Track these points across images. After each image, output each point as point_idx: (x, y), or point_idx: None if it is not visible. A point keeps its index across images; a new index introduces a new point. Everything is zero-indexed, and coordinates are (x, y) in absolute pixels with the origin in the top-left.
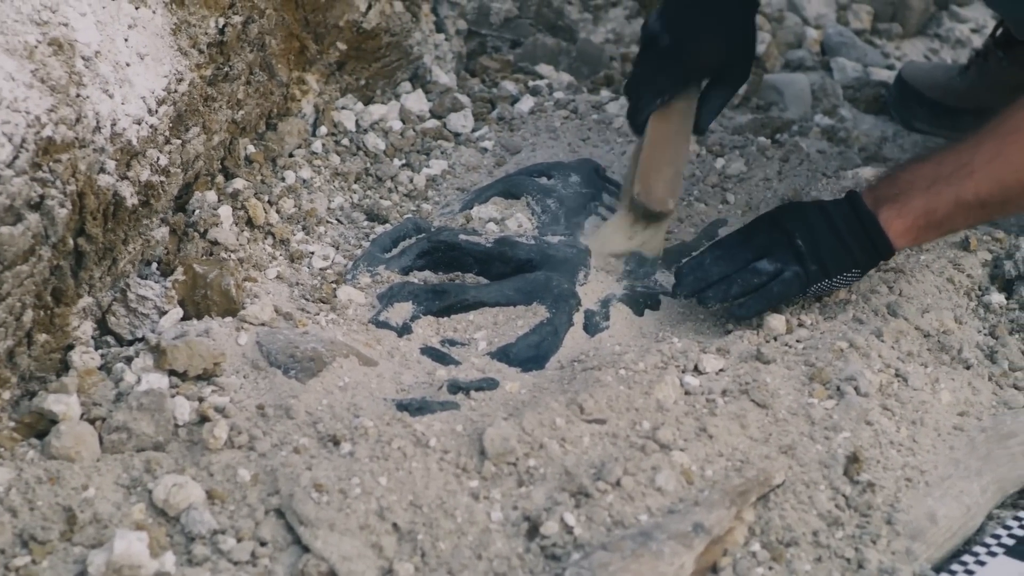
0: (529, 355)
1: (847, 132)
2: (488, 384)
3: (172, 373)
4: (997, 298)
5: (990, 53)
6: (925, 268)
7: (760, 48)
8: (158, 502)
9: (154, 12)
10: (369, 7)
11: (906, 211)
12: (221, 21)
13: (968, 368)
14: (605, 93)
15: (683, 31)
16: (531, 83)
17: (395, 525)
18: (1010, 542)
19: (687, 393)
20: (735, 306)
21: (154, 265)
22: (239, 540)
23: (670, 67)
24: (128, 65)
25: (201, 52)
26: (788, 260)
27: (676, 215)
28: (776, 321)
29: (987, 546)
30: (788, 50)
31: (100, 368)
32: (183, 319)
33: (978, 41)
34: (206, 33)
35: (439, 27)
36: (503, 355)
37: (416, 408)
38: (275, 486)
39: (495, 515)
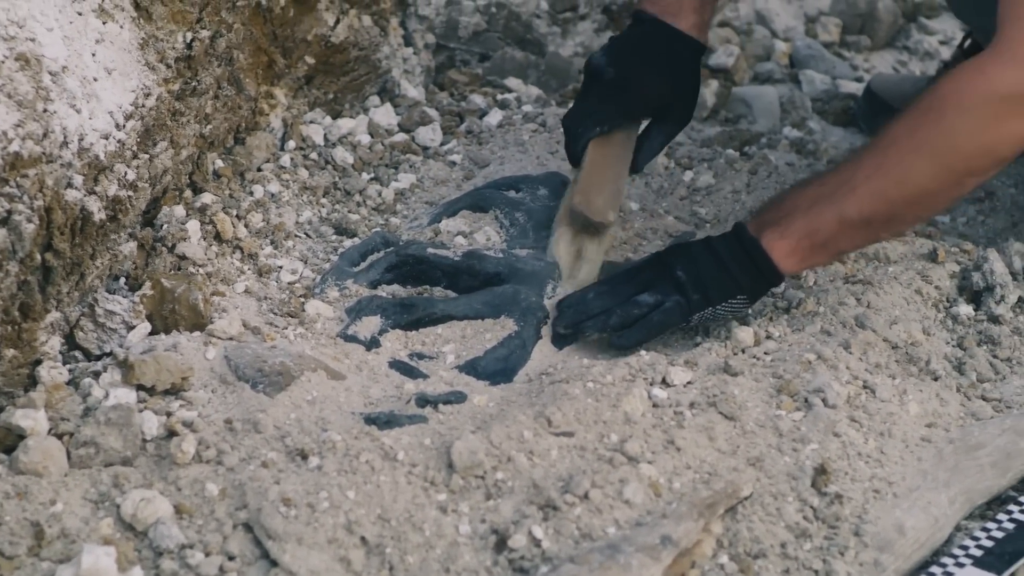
0: (497, 368)
1: (816, 144)
2: (456, 397)
3: (140, 388)
4: (965, 309)
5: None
6: (893, 280)
7: (729, 61)
8: (126, 517)
9: (121, 27)
10: (337, 21)
11: (788, 233)
12: (189, 36)
13: (936, 380)
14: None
15: (629, 66)
16: (500, 96)
17: (363, 539)
18: (978, 553)
19: (655, 406)
20: (615, 337)
21: (122, 280)
22: (207, 554)
23: (613, 98)
24: (95, 80)
25: (169, 67)
26: (669, 291)
27: (617, 232)
28: (744, 333)
29: (955, 557)
30: (757, 63)
31: (68, 383)
32: (151, 334)
33: (946, 53)
34: (174, 48)
35: (407, 41)
36: (471, 368)
37: (384, 422)
38: (243, 500)
39: (463, 528)
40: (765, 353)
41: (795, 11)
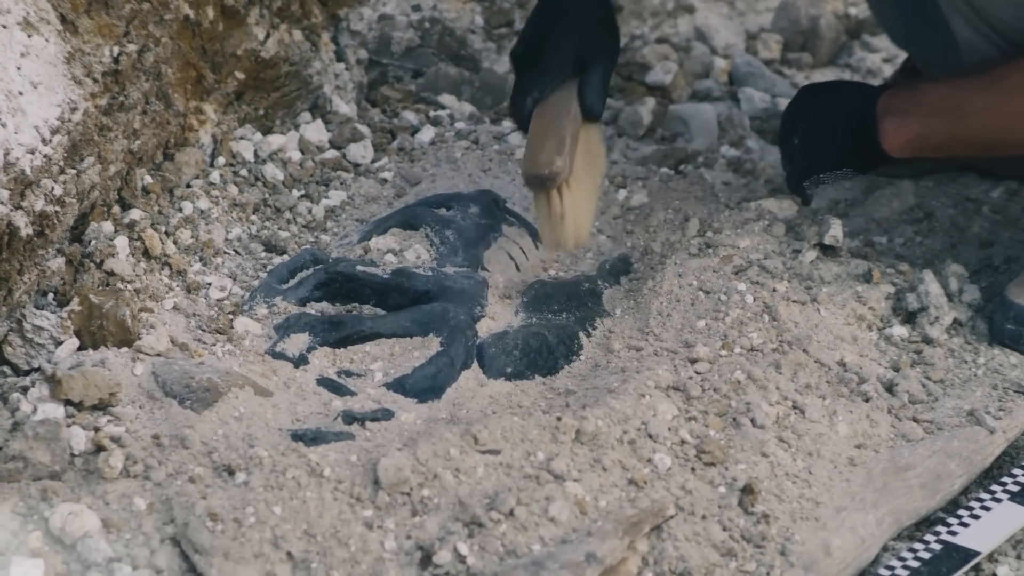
0: (425, 386)
1: (753, 164)
2: (383, 415)
3: (68, 403)
4: (899, 331)
5: (899, 84)
6: (828, 300)
7: (667, 78)
8: (54, 530)
9: (47, 40)
10: (267, 36)
11: (904, 129)
12: (116, 50)
13: (867, 401)
14: (507, 123)
15: (534, 34)
16: (432, 113)
17: (289, 554)
18: (904, 573)
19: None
20: None
21: (50, 295)
22: (135, 568)
23: (528, 68)
24: (21, 94)
25: (96, 81)
26: (786, 157)
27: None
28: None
29: None
30: (695, 80)
31: None
32: (79, 349)
33: (889, 71)
34: (100, 62)
35: (339, 56)
36: (399, 386)
37: (311, 438)
38: (170, 515)
39: (389, 544)
40: (696, 372)
41: (736, 27)
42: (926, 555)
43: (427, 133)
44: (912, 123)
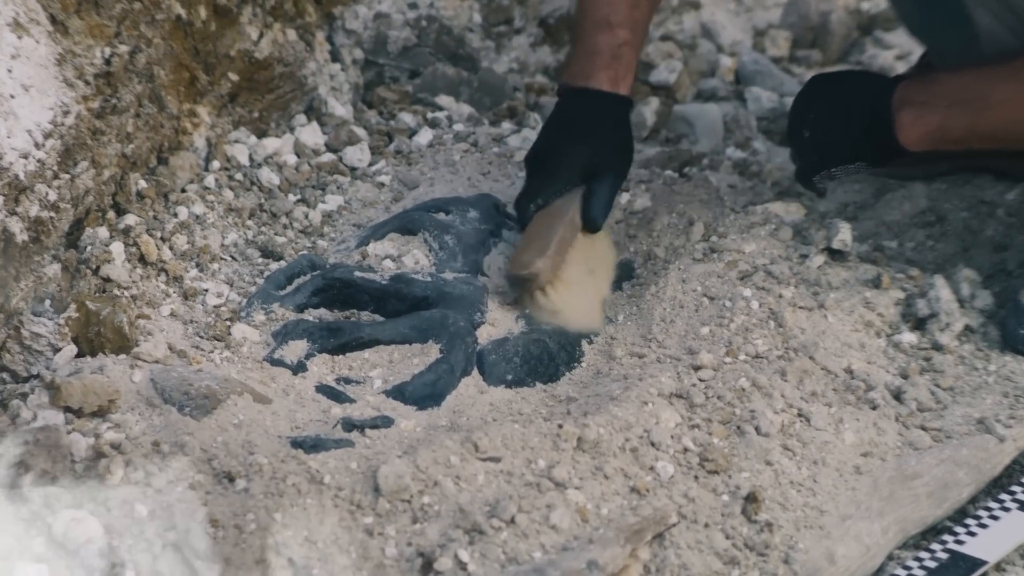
0: (425, 393)
1: (760, 166)
2: (383, 422)
3: (67, 409)
4: (908, 337)
5: (915, 75)
6: (835, 306)
7: (671, 77)
8: (57, 537)
9: (37, 42)
10: (261, 36)
11: (921, 123)
12: (107, 51)
13: (874, 409)
14: (507, 125)
15: (548, 140)
16: (430, 115)
17: (290, 560)
18: None
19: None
20: None
21: (47, 302)
22: (137, 574)
23: (539, 174)
24: (12, 97)
25: (87, 83)
26: (795, 153)
27: (549, 279)
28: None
29: None
30: (701, 79)
31: None
32: (77, 356)
33: (902, 68)
34: (92, 64)
35: (334, 56)
36: (398, 393)
37: (311, 445)
38: (172, 521)
39: (389, 551)
40: (700, 379)
41: (743, 24)
42: (932, 564)
43: (425, 135)
44: (931, 115)
